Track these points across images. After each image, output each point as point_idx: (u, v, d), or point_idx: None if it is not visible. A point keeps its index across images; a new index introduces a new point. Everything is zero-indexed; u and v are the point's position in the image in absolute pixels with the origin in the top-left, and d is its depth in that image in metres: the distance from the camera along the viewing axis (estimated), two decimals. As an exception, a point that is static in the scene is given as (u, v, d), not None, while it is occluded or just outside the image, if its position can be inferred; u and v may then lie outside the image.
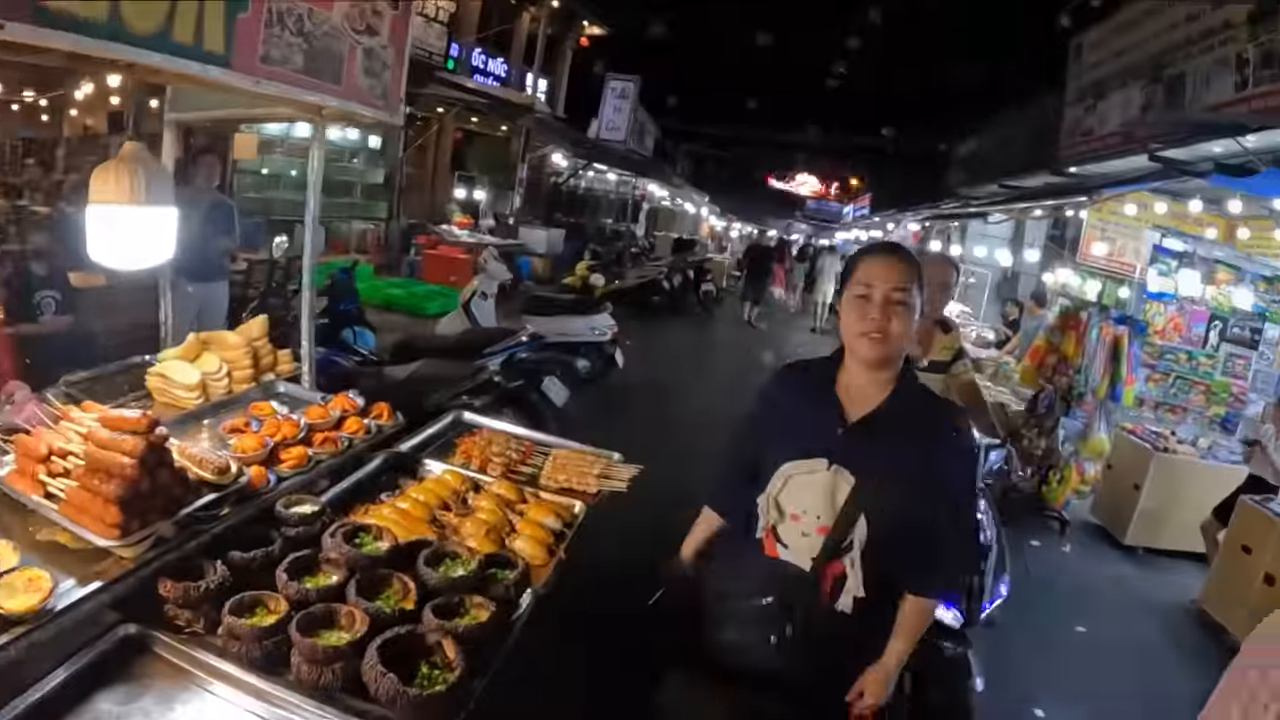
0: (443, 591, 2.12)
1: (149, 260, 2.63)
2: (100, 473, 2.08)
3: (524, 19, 24.52)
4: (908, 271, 2.21)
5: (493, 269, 9.78)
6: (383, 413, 3.29)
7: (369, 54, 3.29)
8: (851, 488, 2.19)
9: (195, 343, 3.41)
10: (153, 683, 1.90)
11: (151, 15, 2.29)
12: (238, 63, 2.62)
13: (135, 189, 2.46)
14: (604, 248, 21.99)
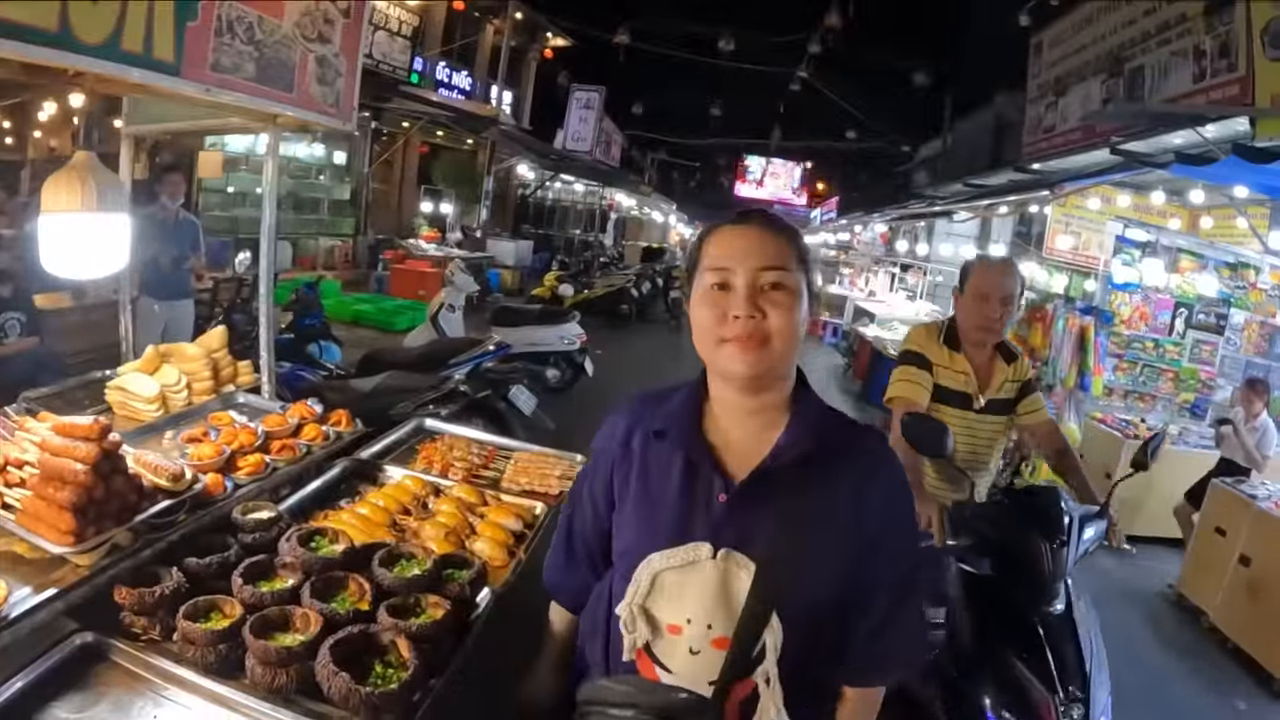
0: (398, 591, 2.11)
1: (103, 269, 2.63)
2: (54, 480, 2.07)
3: (488, 32, 24.59)
4: (784, 244, 1.57)
5: (460, 281, 9.78)
6: (341, 420, 3.30)
7: (321, 62, 3.30)
8: (753, 577, 1.50)
9: (154, 355, 3.40)
10: (109, 690, 1.88)
11: (101, 24, 2.29)
12: (188, 71, 2.62)
13: (86, 197, 2.46)
14: (572, 258, 22.04)
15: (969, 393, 3.53)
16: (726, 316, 1.51)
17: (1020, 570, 2.96)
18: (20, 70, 2.38)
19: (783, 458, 1.55)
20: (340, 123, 3.50)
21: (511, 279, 19.30)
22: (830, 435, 1.58)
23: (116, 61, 2.36)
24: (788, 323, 1.51)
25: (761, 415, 1.61)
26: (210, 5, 2.68)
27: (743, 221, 1.62)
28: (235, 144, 15.13)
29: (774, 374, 1.57)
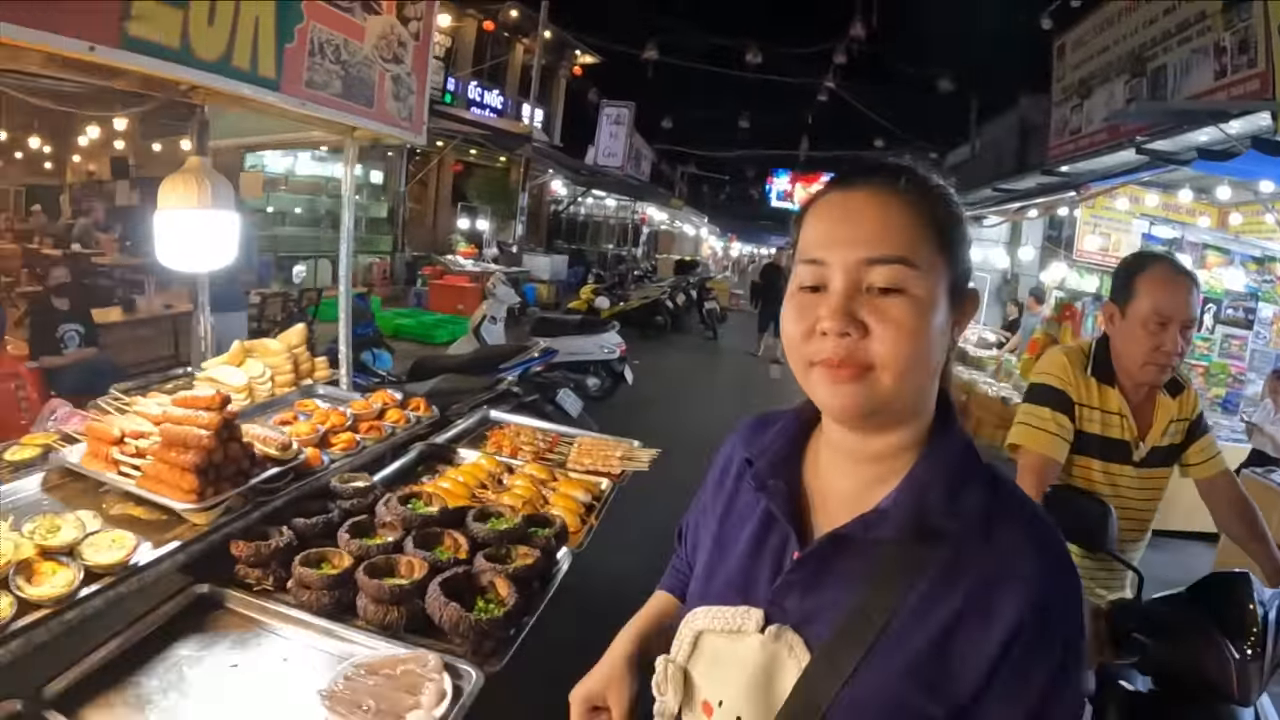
0: (491, 543, 2.37)
1: (215, 262, 2.91)
2: (177, 446, 2.32)
3: (517, 51, 25.02)
4: (912, 219, 1.07)
5: (501, 294, 10.09)
6: (419, 406, 3.57)
7: (396, 80, 3.60)
8: (802, 671, 1.09)
9: (240, 350, 3.67)
10: (227, 633, 2.13)
11: (215, 44, 2.58)
12: (286, 87, 2.92)
13: (202, 195, 2.75)
14: (607, 272, 22.28)
15: (1126, 441, 2.72)
16: (814, 330, 1.07)
17: (1196, 688, 2.20)
18: (140, 83, 2.68)
19: (875, 524, 1.08)
20: (413, 136, 3.82)
21: (547, 293, 19.60)
22: (952, 505, 1.07)
23: (228, 77, 2.65)
24: (902, 344, 1.03)
25: (877, 464, 1.14)
26: (304, 29, 2.98)
27: (850, 184, 1.12)
28: (274, 165, 15.57)
29: (886, 413, 1.09)
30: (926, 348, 1.06)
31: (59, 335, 6.80)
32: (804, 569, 1.13)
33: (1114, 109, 10.05)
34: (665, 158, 38.31)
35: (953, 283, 1.11)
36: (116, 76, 2.50)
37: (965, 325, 1.17)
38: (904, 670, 1.03)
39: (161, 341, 9.54)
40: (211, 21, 2.54)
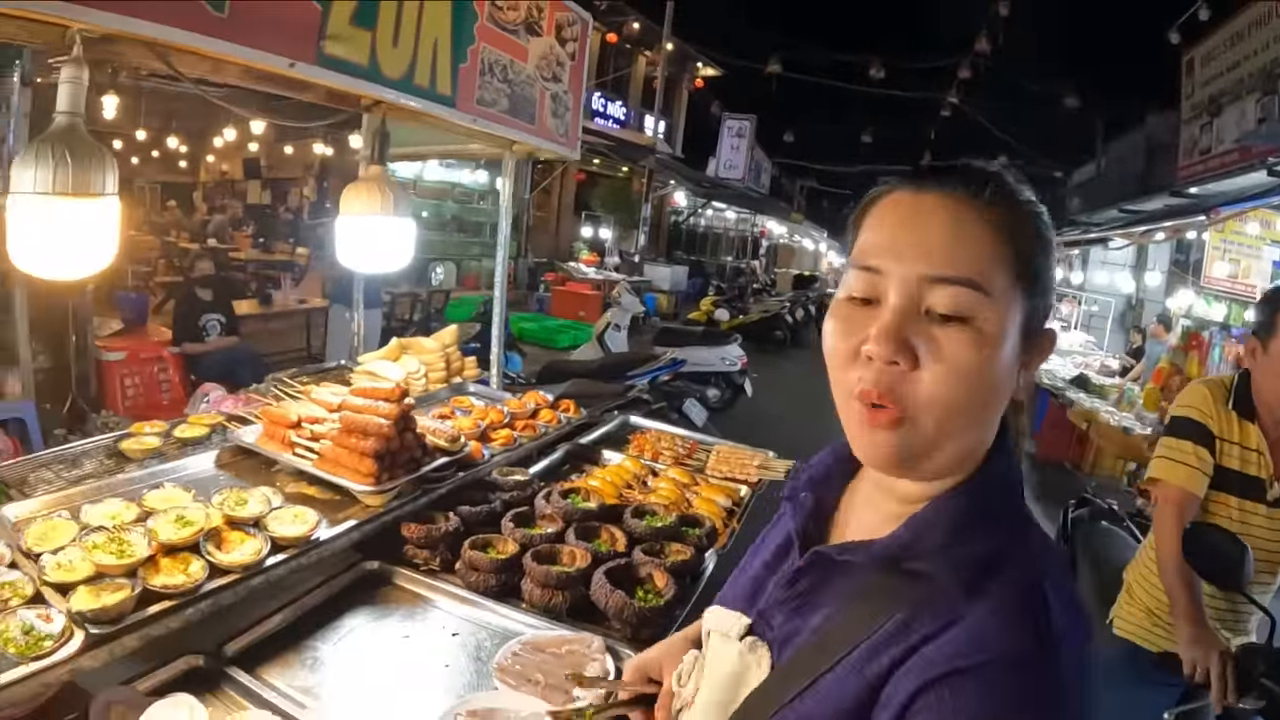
0: (647, 538, 2.52)
1: (393, 264, 3.12)
2: (357, 432, 2.52)
3: (640, 63, 25.30)
4: (989, 234, 0.93)
5: (627, 302, 10.29)
6: (569, 407, 3.75)
7: (555, 98, 3.81)
8: (762, 681, 1.06)
9: (396, 346, 3.91)
10: (397, 607, 2.33)
11: (399, 63, 2.81)
12: (461, 104, 3.15)
13: (383, 202, 2.96)
14: (726, 284, 22.37)
15: (1261, 478, 2.59)
16: (859, 351, 0.94)
17: None
18: (328, 97, 2.92)
19: (853, 550, 1.01)
20: (568, 150, 4.04)
21: (667, 303, 19.78)
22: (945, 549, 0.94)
23: (410, 94, 2.89)
24: (956, 386, 0.89)
25: (898, 504, 1.03)
26: (476, 50, 3.20)
27: (923, 184, 0.97)
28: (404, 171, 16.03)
29: (925, 466, 0.96)
30: (984, 393, 0.92)
31: (201, 324, 7.28)
32: (791, 588, 1.08)
33: (1245, 129, 9.70)
34: (785, 171, 38.23)
35: (1028, 318, 0.95)
36: (306, 90, 2.74)
37: (1036, 368, 1.01)
38: (834, 709, 0.94)
39: (294, 335, 10.11)
40: (396, 43, 2.77)
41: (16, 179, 1.80)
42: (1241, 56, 10.37)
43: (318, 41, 2.45)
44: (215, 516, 2.14)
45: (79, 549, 1.87)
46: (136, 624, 1.73)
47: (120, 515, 2.10)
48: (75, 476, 2.66)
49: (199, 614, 1.87)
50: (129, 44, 2.03)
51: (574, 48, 3.96)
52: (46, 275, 1.92)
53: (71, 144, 1.82)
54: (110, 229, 1.92)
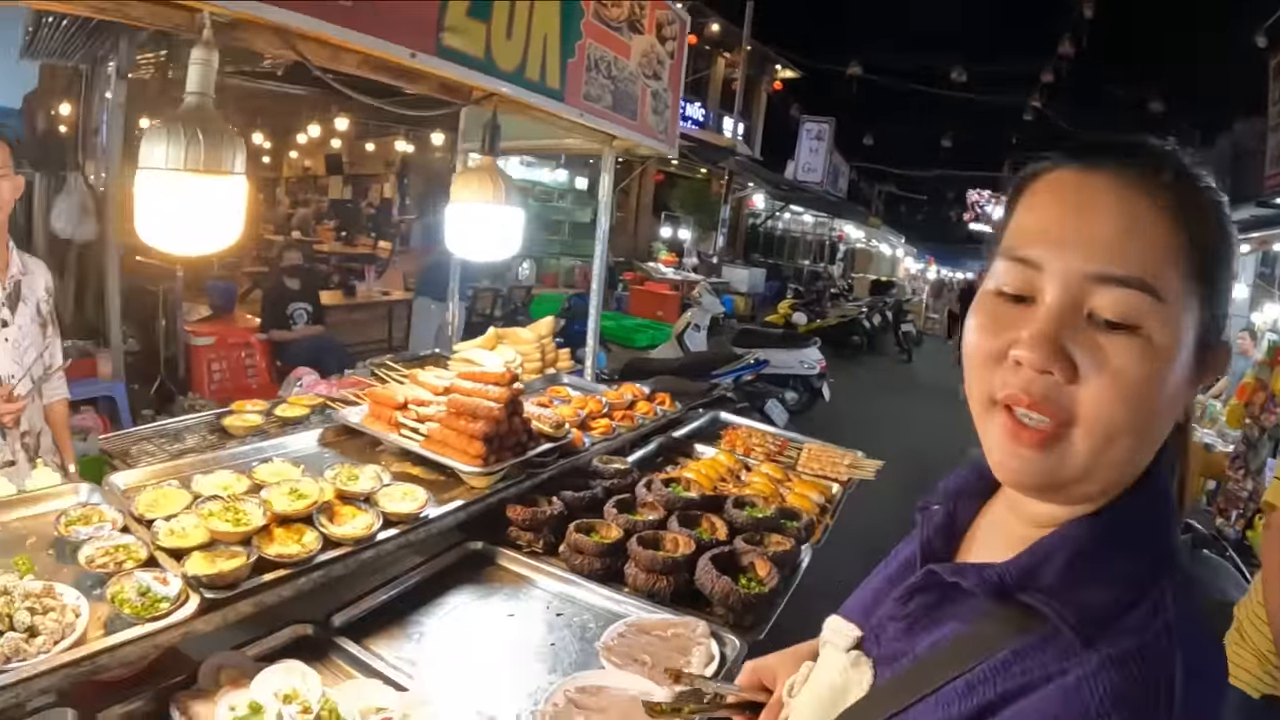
0: (748, 528, 2.55)
1: (502, 252, 3.20)
2: (466, 415, 2.59)
3: (719, 65, 25.29)
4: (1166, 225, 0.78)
5: (707, 303, 10.33)
6: (665, 400, 3.81)
7: (655, 96, 3.86)
8: (862, 696, 0.99)
9: (493, 336, 3.99)
10: (501, 586, 2.40)
11: (512, 56, 2.89)
12: (569, 98, 3.22)
13: (495, 191, 3.04)
14: (803, 287, 22.28)
15: None
16: (1006, 354, 0.83)
17: None
18: (440, 88, 3.02)
19: (964, 573, 0.91)
20: (666, 148, 4.09)
21: (744, 305, 19.75)
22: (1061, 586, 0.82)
23: (522, 86, 2.96)
24: (1120, 404, 0.78)
25: (1029, 527, 0.92)
26: (583, 45, 3.26)
27: (1092, 162, 0.84)
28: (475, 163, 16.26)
29: (1072, 491, 0.85)
30: (1150, 414, 0.80)
31: (289, 312, 7.50)
32: (905, 606, 0.99)
33: None
34: (864, 175, 37.94)
35: (1204, 328, 0.81)
36: (421, 81, 2.82)
37: (1206, 384, 0.87)
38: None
39: (376, 325, 10.36)
40: (510, 36, 2.84)
41: (146, 155, 1.86)
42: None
43: (437, 33, 2.53)
44: (328, 490, 2.22)
45: (194, 516, 1.96)
46: (251, 590, 1.81)
47: (231, 486, 2.20)
48: (177, 450, 2.79)
49: (310, 584, 1.94)
50: (257, 29, 2.12)
51: (673, 46, 4.01)
52: (175, 250, 2.00)
53: (203, 122, 1.90)
54: (238, 206, 2.00)
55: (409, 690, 1.81)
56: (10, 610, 1.54)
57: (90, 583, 1.75)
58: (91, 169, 5.91)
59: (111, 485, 2.21)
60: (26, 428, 2.92)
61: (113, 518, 1.99)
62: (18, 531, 2.02)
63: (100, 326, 5.70)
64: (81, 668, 1.51)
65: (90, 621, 1.61)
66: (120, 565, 1.78)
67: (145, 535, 1.90)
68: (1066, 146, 0.87)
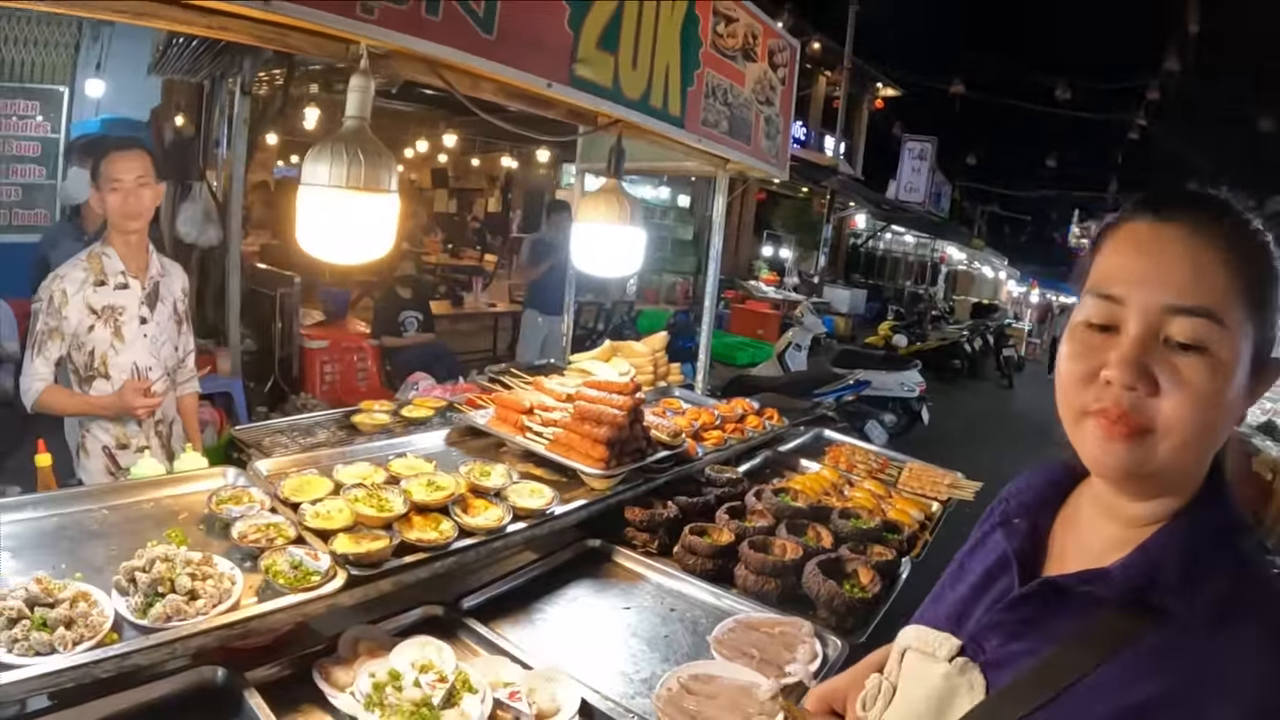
0: (853, 538, 2.67)
1: (624, 270, 3.39)
2: (591, 420, 2.77)
3: (820, 83, 25.20)
4: (1224, 267, 0.95)
5: (809, 322, 10.39)
6: (773, 415, 3.94)
7: (768, 121, 4.02)
8: (974, 706, 1.05)
9: (609, 347, 4.17)
10: (617, 582, 2.57)
11: (638, 85, 3.09)
12: (688, 124, 3.40)
13: (621, 212, 3.22)
14: (904, 309, 22.10)
15: None
16: (1095, 375, 0.98)
17: None
18: (568, 114, 3.19)
19: (1092, 581, 1.00)
20: (778, 171, 4.25)
21: (845, 325, 19.64)
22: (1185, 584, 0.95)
23: (646, 114, 3.16)
24: (1194, 411, 0.93)
25: (1129, 527, 1.04)
26: (701, 74, 3.43)
27: (1163, 213, 0.99)
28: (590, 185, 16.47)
29: (1158, 480, 1.00)
30: (1218, 418, 0.96)
31: (400, 320, 7.80)
32: (1013, 613, 1.07)
33: None
34: (966, 195, 37.37)
35: (1258, 348, 0.97)
36: (551, 107, 3.01)
37: (1260, 396, 1.03)
38: None
39: (481, 336, 10.72)
40: (635, 65, 3.03)
41: (309, 173, 2.05)
42: None
43: (570, 64, 2.73)
44: (462, 484, 2.41)
45: (340, 501, 2.17)
46: (392, 570, 2.00)
47: (371, 476, 2.40)
48: (310, 443, 3.04)
49: (444, 568, 2.14)
50: (407, 59, 2.30)
51: (784, 73, 4.17)
52: (334, 259, 2.20)
53: (363, 144, 2.08)
54: (391, 221, 2.18)
55: (534, 668, 1.97)
56: (172, 575, 1.74)
57: (240, 556, 1.96)
58: (213, 178, 6.25)
59: (256, 470, 2.44)
60: (160, 416, 3.23)
61: (260, 499, 2.22)
62: (170, 507, 2.26)
63: (220, 327, 6.06)
64: (235, 630, 1.71)
65: (244, 590, 1.81)
66: (271, 542, 1.99)
67: (292, 516, 2.11)
68: (1141, 199, 1.03)
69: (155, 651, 1.59)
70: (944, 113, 26.74)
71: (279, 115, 8.18)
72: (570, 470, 2.76)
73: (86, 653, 1.52)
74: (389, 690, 1.73)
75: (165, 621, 1.63)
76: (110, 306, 3.05)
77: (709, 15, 3.48)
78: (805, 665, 2.11)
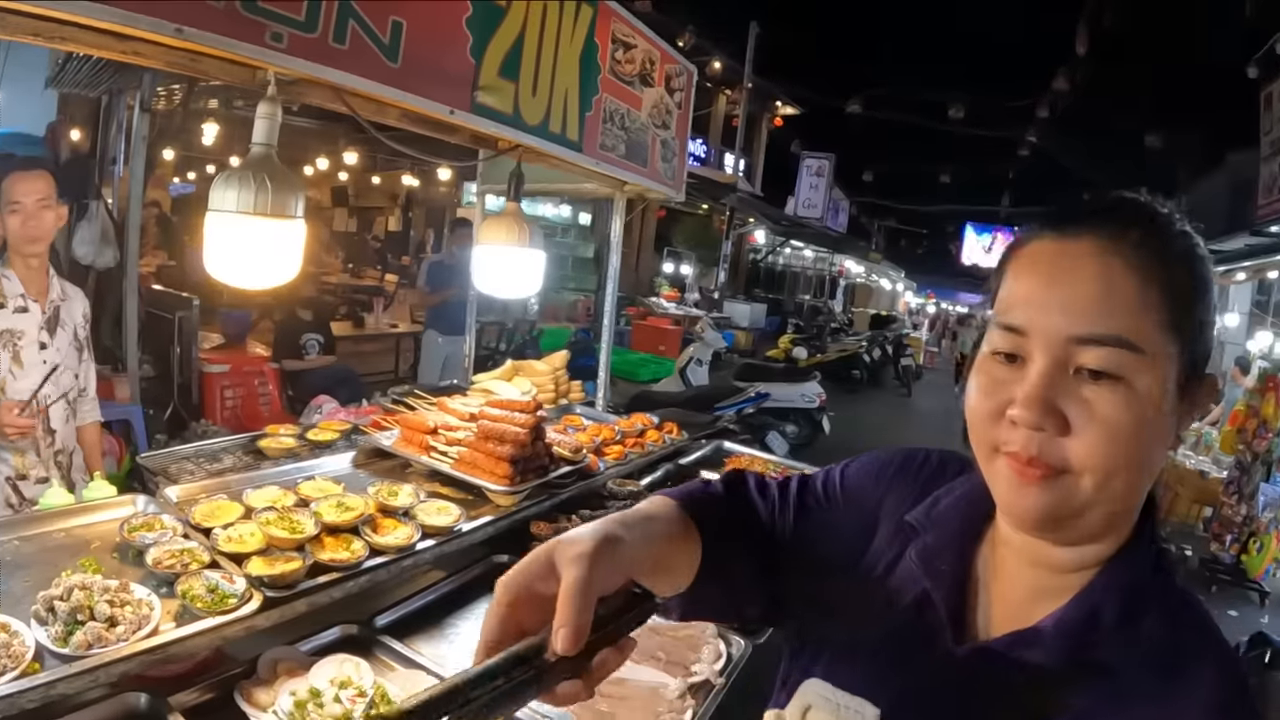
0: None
1: (524, 291, 3.48)
2: (494, 439, 2.83)
3: (720, 101, 25.56)
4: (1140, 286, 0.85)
5: (709, 338, 10.60)
6: (673, 430, 4.05)
7: (664, 144, 4.14)
8: None
9: (511, 368, 4.24)
10: None
11: (537, 111, 3.17)
12: (586, 148, 3.49)
13: (520, 235, 3.32)
14: (804, 322, 22.48)
15: None
16: (1004, 411, 0.88)
17: None
18: (470, 139, 3.29)
19: (1028, 643, 0.91)
20: (673, 192, 4.38)
21: (745, 340, 19.91)
22: (1126, 632, 0.88)
23: (545, 139, 3.25)
24: (1111, 448, 0.83)
25: (1047, 574, 0.95)
26: (600, 100, 3.54)
27: (1066, 230, 0.90)
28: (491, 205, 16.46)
29: (1080, 525, 0.89)
30: (1140, 452, 0.85)
31: (302, 342, 7.68)
32: (937, 679, 0.97)
33: None
34: (864, 210, 38.13)
35: (1186, 367, 0.87)
36: (454, 132, 3.09)
37: (1195, 418, 0.93)
38: None
39: (384, 357, 10.63)
40: (535, 92, 3.12)
41: (217, 199, 2.09)
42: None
43: (472, 91, 2.81)
44: (371, 504, 2.45)
45: (252, 525, 2.20)
46: (307, 590, 2.04)
47: (281, 500, 2.42)
48: (216, 469, 3.03)
49: (357, 587, 2.18)
50: (314, 86, 2.36)
51: (680, 97, 4.30)
52: (241, 285, 2.25)
53: (270, 171, 2.13)
54: (298, 247, 2.23)
55: (449, 680, 2.04)
56: (90, 603, 1.74)
57: (155, 582, 1.97)
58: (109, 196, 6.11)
59: (165, 497, 2.44)
60: (60, 446, 3.19)
61: (173, 525, 2.22)
62: (82, 537, 2.25)
63: (117, 351, 5.89)
64: (157, 655, 1.73)
65: (162, 615, 1.82)
66: (186, 567, 2.01)
67: (205, 542, 2.13)
68: (1044, 215, 0.94)
69: (79, 679, 1.61)
70: (842, 130, 27.36)
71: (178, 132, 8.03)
72: (476, 488, 2.81)
73: (11, 683, 1.53)
74: (310, 708, 1.78)
75: (87, 649, 1.64)
76: (9, 330, 3.01)
77: (608, 42, 3.59)
78: (710, 665, 2.22)
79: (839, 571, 1.12)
